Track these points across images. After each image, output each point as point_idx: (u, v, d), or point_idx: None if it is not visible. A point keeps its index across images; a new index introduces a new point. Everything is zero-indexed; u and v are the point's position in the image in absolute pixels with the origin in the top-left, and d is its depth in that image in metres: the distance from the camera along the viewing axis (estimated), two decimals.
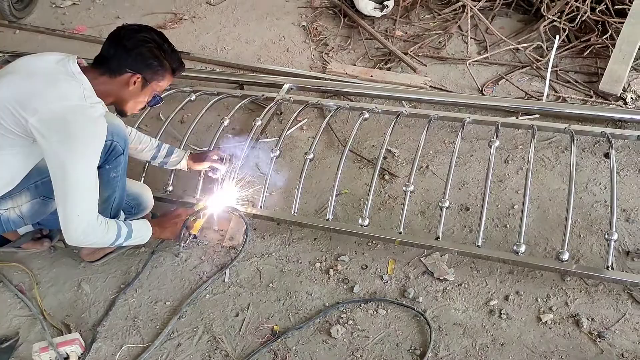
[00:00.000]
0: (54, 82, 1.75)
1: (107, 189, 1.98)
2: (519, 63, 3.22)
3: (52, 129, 1.71)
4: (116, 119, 1.96)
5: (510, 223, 2.27)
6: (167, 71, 1.92)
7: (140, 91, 1.89)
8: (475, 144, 2.68)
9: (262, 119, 2.69)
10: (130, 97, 1.90)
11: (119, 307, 2.04)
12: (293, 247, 2.26)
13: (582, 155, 2.53)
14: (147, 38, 1.84)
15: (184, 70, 2.01)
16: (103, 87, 1.83)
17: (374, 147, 2.73)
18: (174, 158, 2.37)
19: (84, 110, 1.75)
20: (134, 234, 2.00)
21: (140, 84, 1.87)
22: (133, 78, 1.84)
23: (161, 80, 1.92)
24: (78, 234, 1.81)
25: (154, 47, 1.84)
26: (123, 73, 1.83)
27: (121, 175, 2.02)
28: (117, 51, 1.82)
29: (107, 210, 2.04)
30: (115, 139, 1.91)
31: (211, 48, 3.68)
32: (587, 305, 1.94)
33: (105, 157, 1.90)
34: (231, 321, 1.99)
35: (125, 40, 1.82)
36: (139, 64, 1.84)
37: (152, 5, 4.21)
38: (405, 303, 2.00)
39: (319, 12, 3.93)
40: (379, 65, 3.34)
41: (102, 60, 1.84)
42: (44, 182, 1.92)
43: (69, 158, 1.72)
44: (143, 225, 2.05)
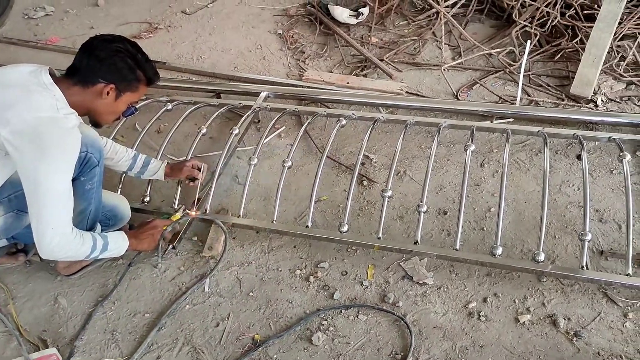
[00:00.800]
0: (26, 93, 1.73)
1: (83, 201, 1.96)
2: (493, 68, 3.27)
3: (24, 141, 1.69)
4: (90, 130, 1.95)
5: (487, 226, 2.30)
6: (142, 82, 1.91)
7: (114, 102, 1.88)
8: (451, 148, 2.71)
9: (240, 127, 2.68)
10: (104, 108, 1.88)
11: (96, 321, 2.02)
12: (273, 255, 2.26)
13: (556, 157, 2.57)
14: (120, 48, 1.83)
15: (159, 80, 2.00)
16: (76, 98, 1.81)
17: (352, 153, 2.75)
18: (151, 168, 2.35)
19: (56, 122, 1.73)
20: (109, 247, 1.97)
21: (113, 94, 1.86)
22: (106, 88, 1.83)
23: (135, 90, 1.91)
24: (52, 247, 1.78)
25: (127, 57, 1.84)
26: (96, 83, 1.82)
27: (97, 187, 2.00)
28: (90, 61, 1.81)
29: (83, 222, 2.02)
30: (90, 150, 1.89)
31: (187, 57, 3.67)
32: (564, 305, 1.97)
33: (80, 169, 1.88)
34: (212, 331, 1.98)
35: (98, 51, 1.81)
36: (112, 75, 1.82)
37: (126, 15, 4.18)
38: (385, 308, 2.01)
39: (295, 20, 3.95)
40: (355, 72, 3.36)
41: (74, 71, 1.83)
42: (17, 196, 1.89)
43: (42, 170, 1.70)
44: (119, 237, 2.03)
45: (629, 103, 2.87)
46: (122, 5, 4.32)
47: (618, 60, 3.08)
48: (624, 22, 3.12)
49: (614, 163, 2.50)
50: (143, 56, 1.90)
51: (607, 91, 2.93)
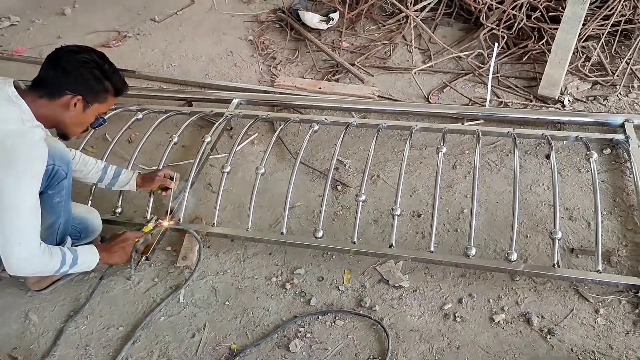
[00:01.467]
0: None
1: (51, 214, 1.92)
2: (462, 70, 3.31)
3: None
4: (58, 142, 1.91)
5: (460, 227, 2.32)
6: (110, 92, 1.88)
7: (81, 113, 1.85)
8: (424, 151, 2.73)
9: (212, 135, 2.67)
10: (71, 120, 1.85)
11: (69, 336, 1.98)
12: (248, 263, 2.24)
13: (525, 157, 2.61)
14: (86, 59, 1.81)
15: (128, 90, 1.98)
16: (43, 110, 1.78)
17: (326, 158, 2.75)
18: (122, 179, 2.32)
19: (22, 135, 1.70)
20: (79, 261, 1.94)
21: (81, 105, 1.83)
22: (73, 100, 1.80)
23: (104, 101, 1.89)
24: (19, 263, 1.74)
25: (94, 67, 1.81)
26: (63, 95, 1.79)
27: (65, 200, 1.96)
28: (56, 73, 1.78)
29: (52, 236, 1.98)
30: (58, 163, 1.86)
31: (157, 65, 3.63)
32: (537, 303, 2.00)
33: (48, 182, 1.85)
34: (187, 343, 1.95)
35: (64, 62, 1.78)
36: (79, 86, 1.80)
37: (94, 23, 4.13)
38: (362, 312, 2.01)
39: (266, 26, 3.95)
40: (327, 77, 3.37)
41: (40, 82, 1.80)
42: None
43: (8, 184, 1.66)
44: (90, 251, 2.00)
45: (594, 103, 2.93)
46: (89, 14, 4.27)
47: (583, 60, 3.15)
48: (588, 23, 3.19)
49: (582, 162, 2.55)
50: (110, 67, 1.88)
51: (573, 91, 2.99)
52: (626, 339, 1.86)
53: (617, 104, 2.89)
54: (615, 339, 1.86)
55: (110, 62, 1.89)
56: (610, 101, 2.91)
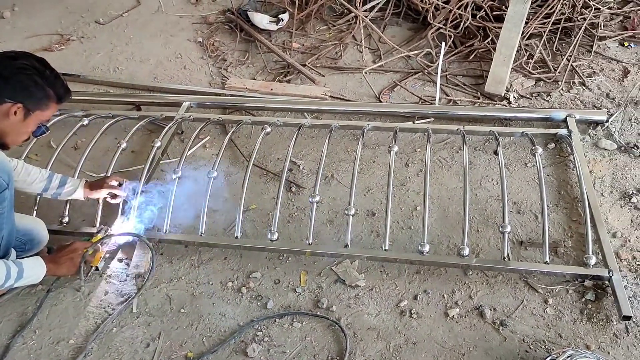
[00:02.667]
0: None
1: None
2: (412, 70, 3.36)
3: None
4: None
5: (414, 224, 2.36)
6: (52, 99, 1.82)
7: (22, 122, 1.78)
8: (376, 150, 2.76)
9: (162, 139, 2.61)
10: (11, 129, 1.78)
11: (17, 352, 1.90)
12: (203, 268, 2.21)
13: (475, 154, 2.67)
14: (25, 65, 1.75)
15: (70, 97, 1.92)
16: None
17: (279, 160, 2.74)
18: (68, 188, 2.24)
19: None
20: (25, 274, 1.87)
21: (22, 114, 1.76)
22: (13, 108, 1.73)
23: (45, 109, 1.83)
24: None
25: (34, 74, 1.75)
26: (2, 103, 1.72)
27: (7, 212, 1.88)
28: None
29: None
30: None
31: (103, 69, 3.53)
32: (489, 296, 2.05)
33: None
34: (142, 353, 1.90)
35: (2, 69, 1.72)
36: (19, 93, 1.73)
37: (35, 27, 3.98)
38: (319, 314, 2.01)
39: (215, 28, 3.90)
40: (278, 78, 3.36)
41: None
42: None
43: None
44: (36, 263, 1.93)
45: (538, 99, 3.03)
46: (29, 17, 4.11)
47: (527, 58, 3.25)
48: (530, 21, 3.29)
49: (528, 156, 2.63)
50: (52, 72, 1.82)
51: (518, 88, 3.08)
52: (574, 327, 1.93)
53: (560, 99, 2.99)
54: (564, 328, 1.93)
55: (52, 68, 1.84)
56: (554, 97, 3.01)
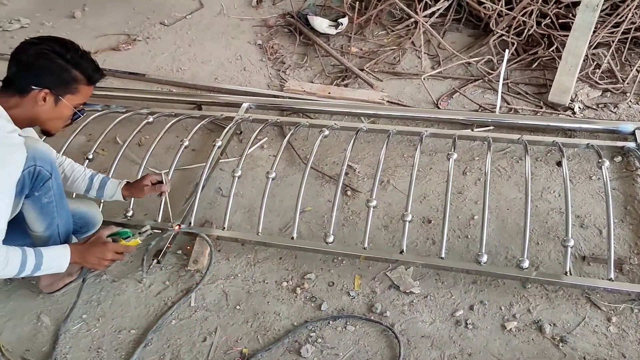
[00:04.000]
0: None
1: (45, 216, 1.88)
2: (472, 76, 3.31)
3: None
4: (39, 142, 1.83)
5: (471, 233, 2.32)
6: (80, 82, 1.80)
7: (54, 107, 1.78)
8: (433, 156, 2.73)
9: (222, 139, 2.67)
10: (45, 115, 1.79)
11: (81, 338, 1.98)
12: (259, 267, 2.24)
13: (536, 164, 2.61)
14: (46, 49, 1.73)
15: (102, 77, 1.89)
16: (16, 110, 1.73)
17: (335, 163, 2.75)
18: (108, 190, 2.20)
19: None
20: (44, 266, 1.80)
21: (51, 99, 1.76)
22: (41, 94, 1.73)
23: (75, 92, 1.80)
24: None
25: (56, 57, 1.73)
26: (29, 91, 1.72)
27: (57, 200, 1.89)
28: (18, 69, 1.73)
29: (54, 238, 1.94)
30: (39, 164, 1.77)
31: (167, 69, 3.64)
32: (549, 310, 2.00)
33: (32, 184, 1.78)
34: (199, 346, 1.95)
35: (24, 56, 1.72)
36: (43, 78, 1.73)
37: (103, 27, 4.14)
38: (373, 318, 2.01)
39: (275, 31, 3.96)
40: (336, 82, 3.38)
41: (8, 81, 1.75)
42: None
43: None
44: (60, 253, 1.86)
45: (605, 110, 2.93)
46: (99, 17, 4.29)
47: (593, 68, 3.15)
48: (598, 30, 3.19)
49: (593, 169, 2.54)
50: (76, 53, 1.78)
51: (584, 98, 2.99)
52: (639, 348, 1.85)
53: (628, 111, 2.89)
54: (628, 348, 1.86)
55: (77, 49, 1.80)
56: (621, 109, 2.91)
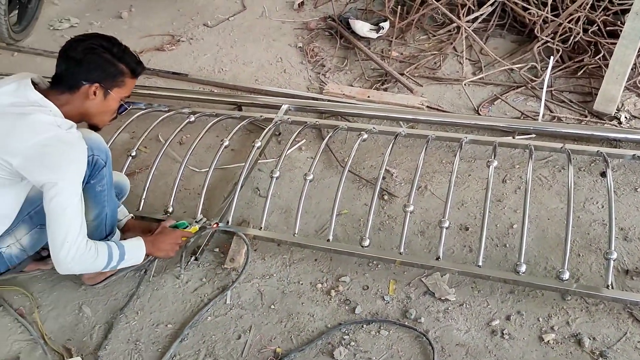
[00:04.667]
0: (23, 117, 1.73)
1: (97, 205, 1.96)
2: (514, 83, 3.26)
3: (37, 165, 1.72)
4: (92, 133, 1.92)
5: (509, 242, 2.29)
6: (126, 74, 1.88)
7: (103, 101, 1.86)
8: (472, 163, 2.70)
9: (262, 140, 2.70)
10: (96, 110, 1.87)
11: (120, 330, 2.03)
12: (294, 268, 2.26)
13: (579, 174, 2.56)
14: (93, 45, 1.82)
15: (144, 69, 1.98)
16: (68, 106, 1.81)
17: (373, 167, 2.75)
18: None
19: (61, 138, 1.74)
20: (127, 256, 1.95)
21: (101, 93, 1.84)
22: (92, 88, 1.81)
23: (122, 85, 1.89)
24: (67, 261, 1.78)
25: (103, 52, 1.82)
26: (80, 86, 1.81)
27: (108, 189, 1.99)
28: (69, 65, 1.80)
29: (101, 227, 2.03)
30: (96, 153, 1.88)
31: (209, 69, 3.70)
32: (588, 324, 1.95)
33: (90, 173, 1.87)
34: (233, 344, 1.98)
35: (73, 52, 1.80)
36: (93, 73, 1.81)
37: (149, 27, 4.24)
38: (407, 324, 2.00)
39: (315, 34, 3.98)
40: (375, 85, 3.37)
41: (58, 79, 1.83)
42: (37, 212, 1.90)
43: (57, 188, 1.71)
44: (136, 245, 2.01)
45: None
46: (144, 18, 4.39)
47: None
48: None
49: (639, 181, 2.47)
50: (120, 48, 1.87)
51: (630, 108, 2.91)
52: None
53: None
54: None
55: (120, 45, 1.88)
56: None
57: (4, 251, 1.91)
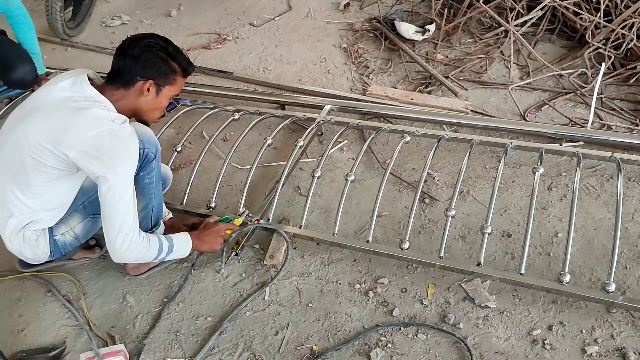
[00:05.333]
0: (79, 111, 1.80)
1: (144, 196, 2.02)
2: (563, 89, 3.19)
3: (92, 158, 1.78)
4: (143, 126, 1.99)
5: (553, 251, 2.24)
6: (178, 73, 1.96)
7: (155, 97, 1.94)
8: (517, 169, 2.66)
9: (304, 139, 2.72)
10: (147, 106, 1.95)
11: (162, 321, 2.08)
12: (332, 267, 2.27)
13: (628, 184, 2.48)
14: (151, 43, 1.89)
15: (194, 70, 2.06)
16: (121, 102, 1.89)
17: (414, 169, 2.74)
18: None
19: (116, 132, 1.81)
20: (175, 249, 2.03)
21: (154, 90, 1.92)
22: (146, 85, 1.89)
23: (174, 83, 1.97)
24: (122, 250, 1.86)
25: (159, 50, 1.90)
26: (135, 82, 1.88)
27: (156, 182, 2.05)
28: (126, 62, 1.87)
29: (147, 219, 2.09)
30: (146, 146, 1.94)
31: (254, 68, 3.75)
32: (634, 338, 1.89)
33: (140, 165, 1.93)
34: (271, 339, 2.00)
35: (131, 50, 1.87)
36: (148, 70, 1.88)
37: (197, 26, 4.33)
38: (445, 329, 1.98)
39: (360, 35, 3.98)
40: (419, 88, 3.35)
41: (114, 75, 1.90)
42: (90, 202, 1.99)
43: (111, 180, 1.78)
44: (184, 239, 2.08)
45: None
46: (192, 16, 4.48)
47: None
48: None
49: None
50: (174, 48, 1.96)
51: None
52: None
53: None
54: None
55: (174, 45, 1.97)
56: None
57: (58, 239, 1.99)
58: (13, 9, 2.98)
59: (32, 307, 2.15)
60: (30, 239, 1.96)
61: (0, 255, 2.28)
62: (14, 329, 2.08)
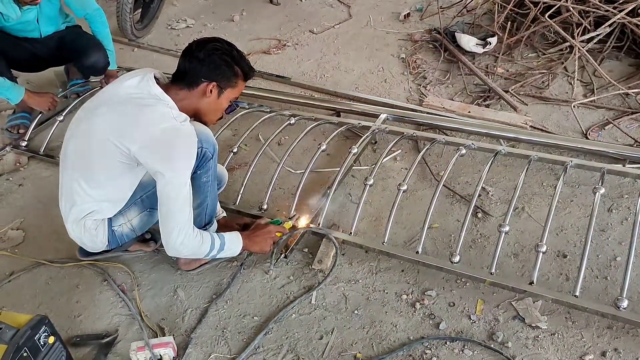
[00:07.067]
0: (144, 108, 1.88)
1: (200, 194, 2.07)
2: (629, 109, 3.07)
3: (153, 153, 1.86)
4: (202, 126, 2.04)
5: (611, 275, 2.16)
6: (239, 77, 2.02)
7: (217, 99, 2.00)
8: (576, 189, 2.58)
9: (358, 147, 2.73)
10: (208, 107, 2.01)
11: (209, 317, 2.12)
12: (380, 276, 2.26)
13: None
14: (217, 46, 1.95)
15: (255, 74, 2.11)
16: (184, 101, 1.96)
17: (468, 183, 2.70)
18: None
19: (177, 130, 1.87)
20: (226, 246, 2.08)
21: (216, 92, 1.98)
22: (209, 87, 1.95)
23: (235, 86, 2.03)
24: (177, 245, 1.92)
25: (224, 53, 1.95)
26: (199, 84, 1.95)
27: (212, 181, 2.11)
28: (192, 63, 1.94)
29: (201, 216, 2.14)
30: (205, 145, 1.99)
31: (311, 75, 3.80)
32: None
33: (197, 164, 1.98)
34: (315, 343, 2.01)
35: (197, 52, 1.93)
36: (213, 72, 1.94)
37: (258, 31, 4.42)
38: (493, 346, 1.94)
39: (419, 46, 3.97)
40: (477, 101, 3.31)
41: (179, 75, 1.97)
42: (148, 196, 2.06)
43: (169, 176, 1.84)
44: (235, 238, 2.13)
45: None
46: (254, 22, 4.58)
47: None
48: None
49: None
50: (238, 52, 2.01)
51: None
52: None
53: None
54: None
55: (238, 49, 2.03)
56: None
57: (116, 229, 2.07)
58: (89, 11, 3.15)
59: (89, 295, 2.25)
60: (90, 228, 2.05)
61: (62, 243, 2.40)
62: (70, 314, 2.18)
